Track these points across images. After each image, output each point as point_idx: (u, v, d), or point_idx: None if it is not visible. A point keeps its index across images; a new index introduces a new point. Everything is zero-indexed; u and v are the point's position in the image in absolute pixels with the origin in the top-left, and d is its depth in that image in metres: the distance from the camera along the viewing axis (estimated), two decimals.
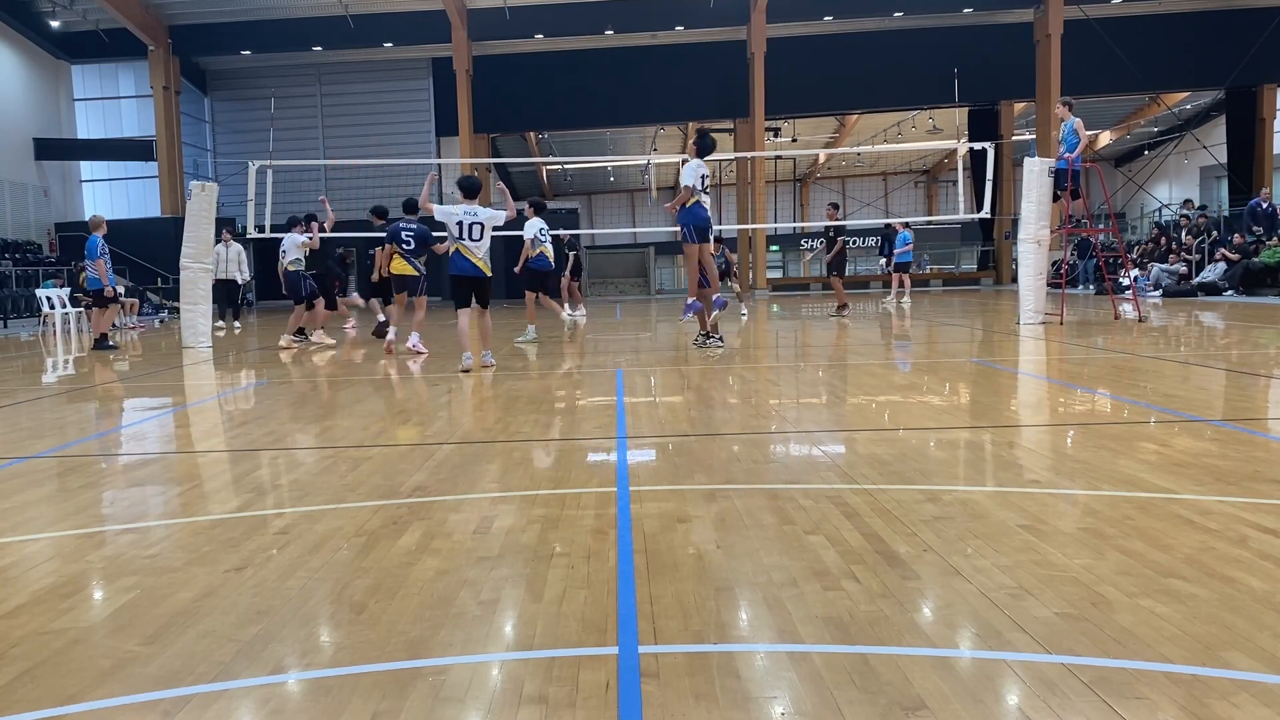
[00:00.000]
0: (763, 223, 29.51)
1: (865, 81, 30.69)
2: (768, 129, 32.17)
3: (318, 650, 2.69)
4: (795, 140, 39.84)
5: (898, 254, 20.51)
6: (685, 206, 10.70)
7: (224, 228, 18.59)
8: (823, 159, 45.29)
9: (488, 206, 9.75)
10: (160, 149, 29.03)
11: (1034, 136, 29.25)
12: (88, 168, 31.88)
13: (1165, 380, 7.72)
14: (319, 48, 30.28)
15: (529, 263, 13.80)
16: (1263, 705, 2.19)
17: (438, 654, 2.61)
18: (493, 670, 2.51)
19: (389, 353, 11.39)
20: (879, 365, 9.48)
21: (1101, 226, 19.38)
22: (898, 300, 20.45)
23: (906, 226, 21.35)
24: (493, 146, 35.20)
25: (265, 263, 26.01)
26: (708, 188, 10.85)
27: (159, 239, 27.45)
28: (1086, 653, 2.49)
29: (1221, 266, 21.01)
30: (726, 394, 7.53)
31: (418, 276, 11.40)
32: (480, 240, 9.10)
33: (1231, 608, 2.77)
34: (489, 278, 9.36)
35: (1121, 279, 19.18)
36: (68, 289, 20.52)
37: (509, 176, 43.62)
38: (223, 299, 18.69)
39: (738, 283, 14.50)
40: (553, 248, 14.16)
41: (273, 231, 16.75)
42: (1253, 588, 2.93)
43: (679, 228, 10.91)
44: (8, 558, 3.64)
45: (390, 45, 30.39)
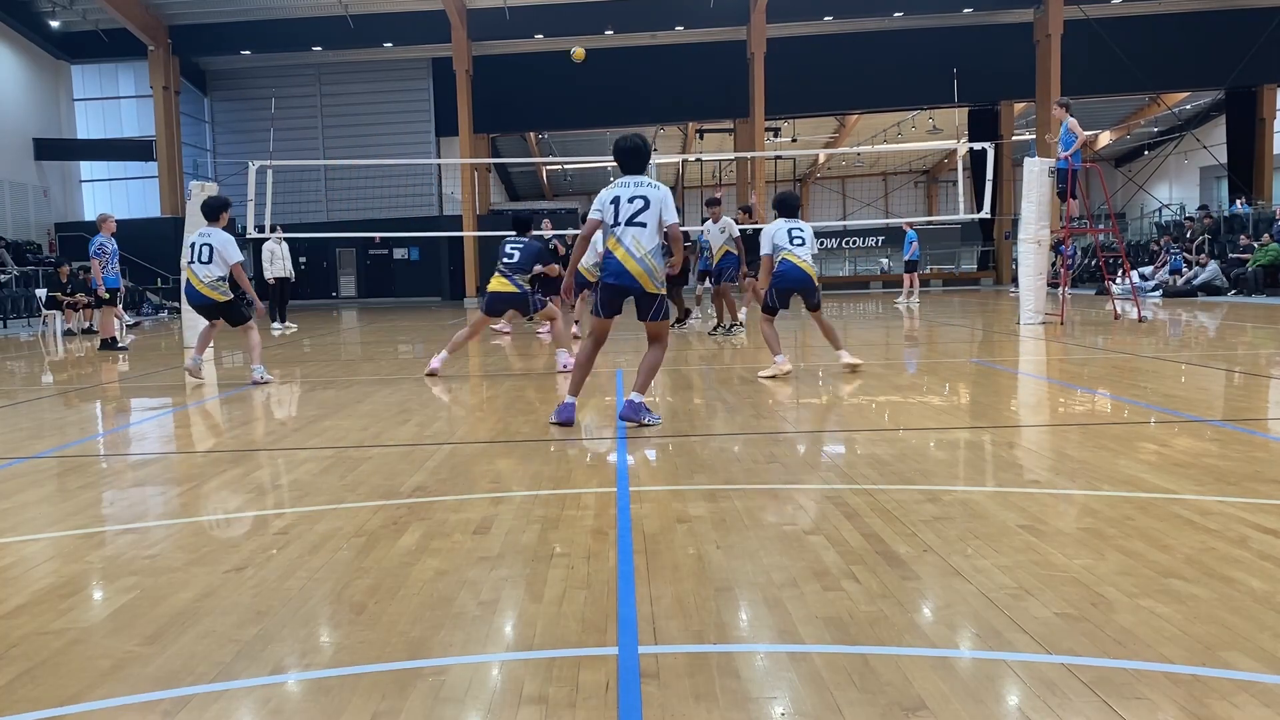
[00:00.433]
0: (763, 223, 29.46)
1: (865, 81, 30.68)
2: (768, 129, 32.15)
3: (318, 650, 2.69)
4: (795, 140, 39.80)
5: (906, 255, 20.96)
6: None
7: (276, 225, 17.56)
8: (823, 159, 45.27)
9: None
10: (160, 149, 29.02)
11: (1034, 137, 29.24)
12: (88, 168, 31.87)
13: (1165, 380, 7.72)
14: (319, 48, 30.27)
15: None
16: (1263, 705, 2.19)
17: (438, 654, 2.61)
18: (493, 670, 2.51)
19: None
20: (879, 365, 9.48)
21: (1101, 226, 19.37)
22: (907, 300, 20.76)
23: (911, 227, 21.61)
24: (493, 146, 35.21)
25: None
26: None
27: (159, 239, 27.45)
28: (1086, 653, 2.49)
29: (1215, 266, 21.04)
30: (727, 394, 7.53)
31: (519, 293, 9.73)
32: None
33: (1231, 608, 2.77)
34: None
35: (1113, 282, 19.14)
36: (44, 290, 20.23)
37: (509, 176, 43.65)
38: (276, 299, 17.68)
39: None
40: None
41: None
42: (1253, 588, 2.93)
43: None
44: (8, 558, 3.64)
45: (390, 45, 30.38)
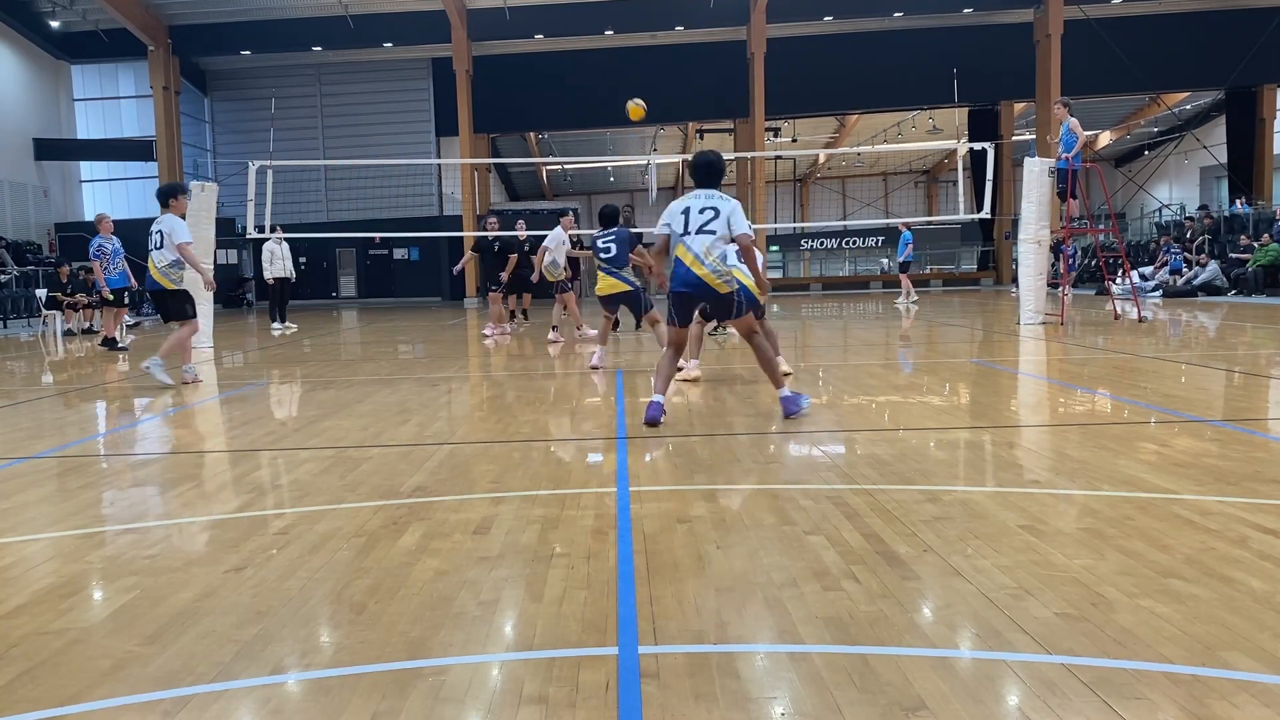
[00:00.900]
0: (762, 223, 29.50)
1: (865, 81, 30.68)
2: (768, 129, 32.16)
3: (318, 650, 2.69)
4: (795, 140, 39.80)
5: (901, 256, 21.00)
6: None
7: (276, 225, 17.39)
8: (823, 159, 45.26)
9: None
10: (160, 149, 29.02)
11: (1034, 137, 29.24)
12: (88, 168, 31.87)
13: (1165, 380, 7.72)
14: (319, 48, 30.27)
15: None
16: (1263, 705, 2.19)
17: (438, 654, 2.61)
18: (493, 670, 2.51)
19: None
20: (879, 365, 9.48)
21: (1101, 227, 19.37)
22: (906, 300, 20.83)
23: (907, 227, 21.64)
24: (493, 146, 35.20)
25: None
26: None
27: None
28: (1086, 653, 2.49)
29: (1215, 266, 21.05)
30: (727, 394, 7.53)
31: (633, 290, 9.36)
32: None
33: (1231, 608, 2.77)
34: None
35: (1113, 282, 19.16)
36: (44, 290, 20.18)
37: (509, 176, 43.64)
38: (276, 299, 17.50)
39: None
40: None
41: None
42: (1253, 588, 2.93)
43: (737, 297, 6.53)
44: (8, 558, 3.64)
45: (390, 45, 30.39)
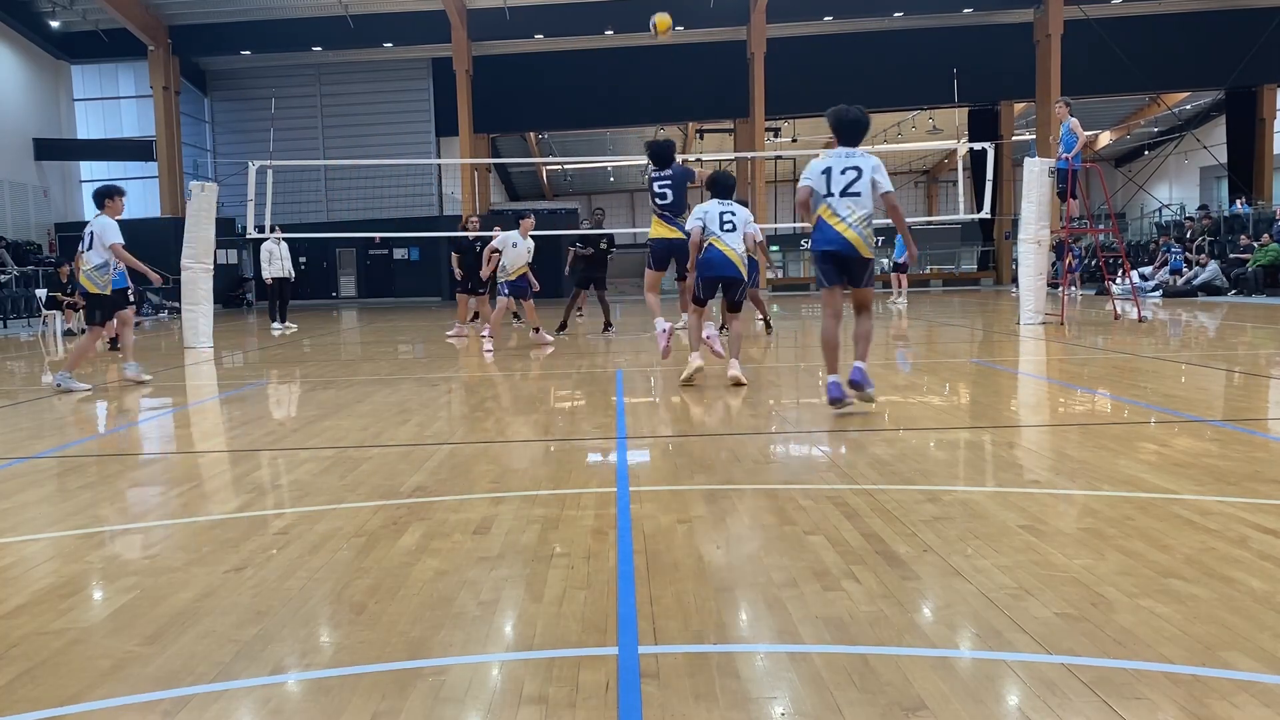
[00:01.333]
0: (763, 223, 29.47)
1: (865, 81, 30.65)
2: (768, 129, 32.18)
3: (318, 650, 2.69)
4: (795, 140, 39.80)
5: (898, 257, 21.02)
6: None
7: (275, 225, 17.19)
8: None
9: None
10: (160, 149, 29.03)
11: (1034, 136, 29.25)
12: (88, 168, 31.87)
13: (1165, 380, 7.72)
14: (319, 48, 30.28)
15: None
16: (1263, 705, 2.19)
17: (438, 654, 2.61)
18: (493, 670, 2.51)
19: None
20: (878, 365, 9.47)
21: (1101, 227, 19.37)
22: (897, 300, 20.82)
23: None
24: (493, 146, 35.21)
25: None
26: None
27: (159, 239, 27.43)
28: (1086, 653, 2.49)
29: (1215, 266, 21.06)
30: (726, 394, 7.53)
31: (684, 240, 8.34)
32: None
33: (1231, 608, 2.77)
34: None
35: (1113, 282, 19.20)
36: (44, 290, 20.13)
37: (509, 176, 43.65)
38: (276, 299, 17.48)
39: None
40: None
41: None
42: (1253, 588, 2.93)
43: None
44: (8, 558, 3.64)
45: (390, 45, 30.39)
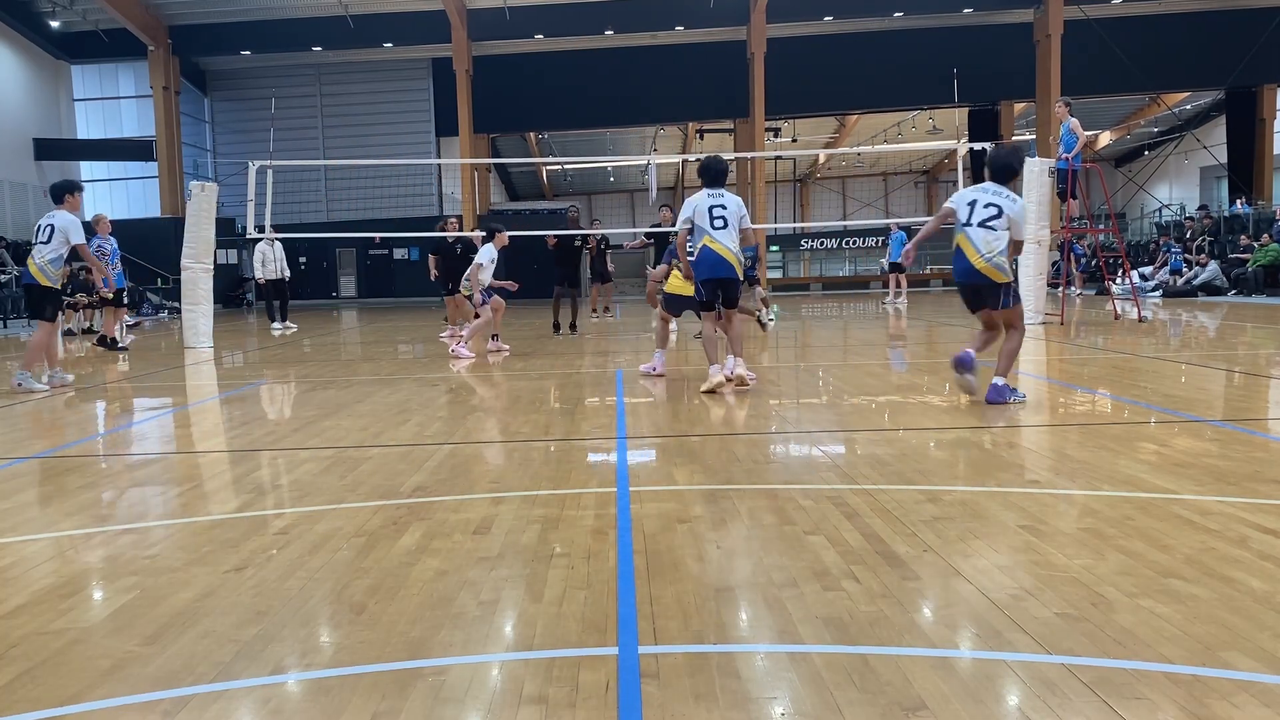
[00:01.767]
0: (763, 223, 29.51)
1: (865, 81, 30.68)
2: (768, 129, 32.15)
3: (318, 650, 2.69)
4: (795, 140, 39.79)
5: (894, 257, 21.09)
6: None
7: (263, 225, 16.94)
8: (823, 159, 45.25)
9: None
10: (160, 149, 29.01)
11: (1034, 136, 29.24)
12: (88, 168, 31.84)
13: (1165, 380, 7.72)
14: (319, 48, 30.27)
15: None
16: (1263, 705, 2.19)
17: (438, 654, 2.61)
18: (493, 670, 2.51)
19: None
20: (879, 365, 9.47)
21: (1101, 227, 19.37)
22: (894, 300, 20.83)
23: (899, 227, 21.75)
24: (493, 146, 35.19)
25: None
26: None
27: (159, 239, 27.44)
28: (1086, 653, 2.49)
29: (1215, 266, 21.05)
30: (726, 394, 7.52)
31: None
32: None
33: (1231, 608, 2.77)
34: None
35: (1113, 282, 19.21)
36: None
37: (509, 176, 43.63)
38: (272, 300, 17.47)
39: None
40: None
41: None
42: (1253, 588, 2.93)
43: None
44: (8, 558, 3.64)
45: (390, 45, 30.38)
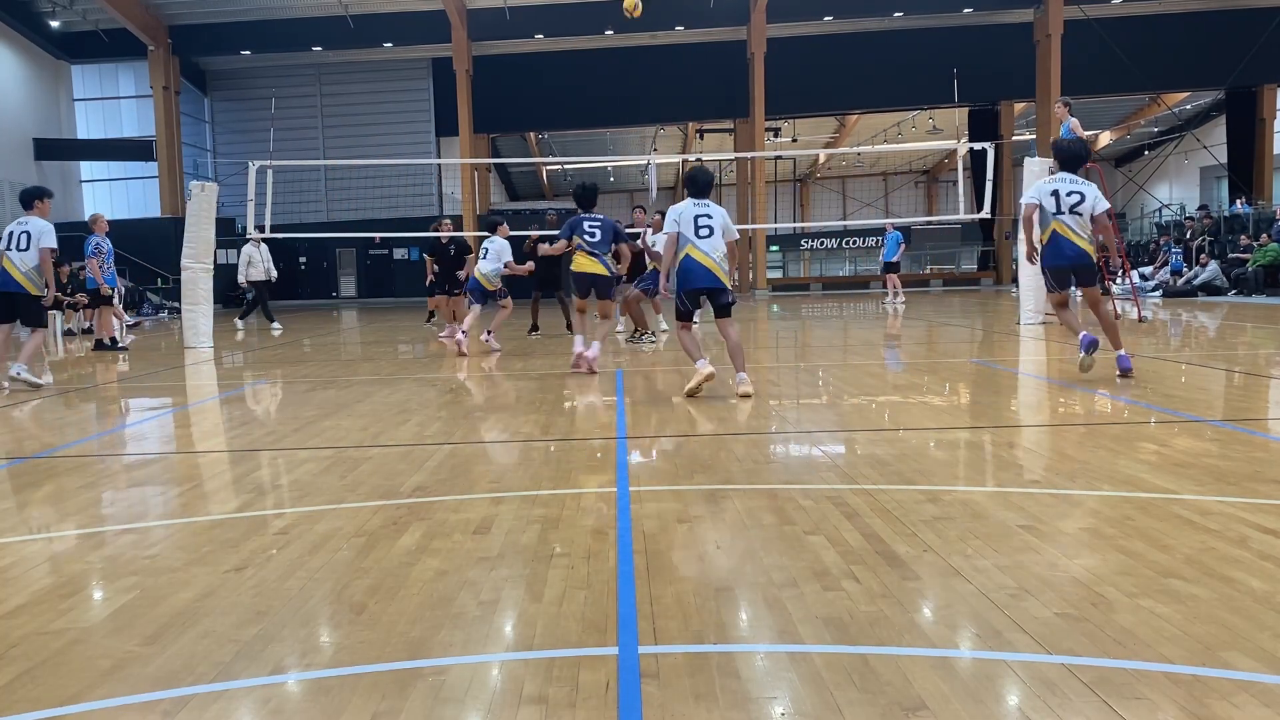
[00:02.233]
0: (763, 223, 29.51)
1: (865, 81, 30.67)
2: (768, 129, 32.15)
3: (318, 650, 2.69)
4: (795, 140, 39.79)
5: (889, 257, 21.10)
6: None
7: (244, 226, 17.18)
8: (823, 159, 45.26)
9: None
10: (160, 149, 29.02)
11: (1034, 136, 29.24)
12: (88, 168, 31.87)
13: (1165, 380, 7.72)
14: (319, 48, 30.27)
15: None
16: (1263, 705, 2.19)
17: (438, 654, 2.61)
18: (493, 671, 2.51)
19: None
20: (878, 365, 9.47)
21: None
22: (894, 301, 20.80)
23: (894, 228, 21.75)
24: (493, 146, 35.20)
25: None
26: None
27: (159, 239, 27.45)
28: (1086, 653, 2.49)
29: (1215, 266, 21.06)
30: (726, 394, 7.52)
31: (609, 276, 9.64)
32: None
33: (1231, 608, 2.77)
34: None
35: (1113, 282, 19.21)
36: None
37: (509, 176, 43.62)
38: (256, 301, 17.51)
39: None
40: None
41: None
42: (1253, 588, 2.93)
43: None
44: (8, 558, 3.64)
45: (390, 45, 30.39)
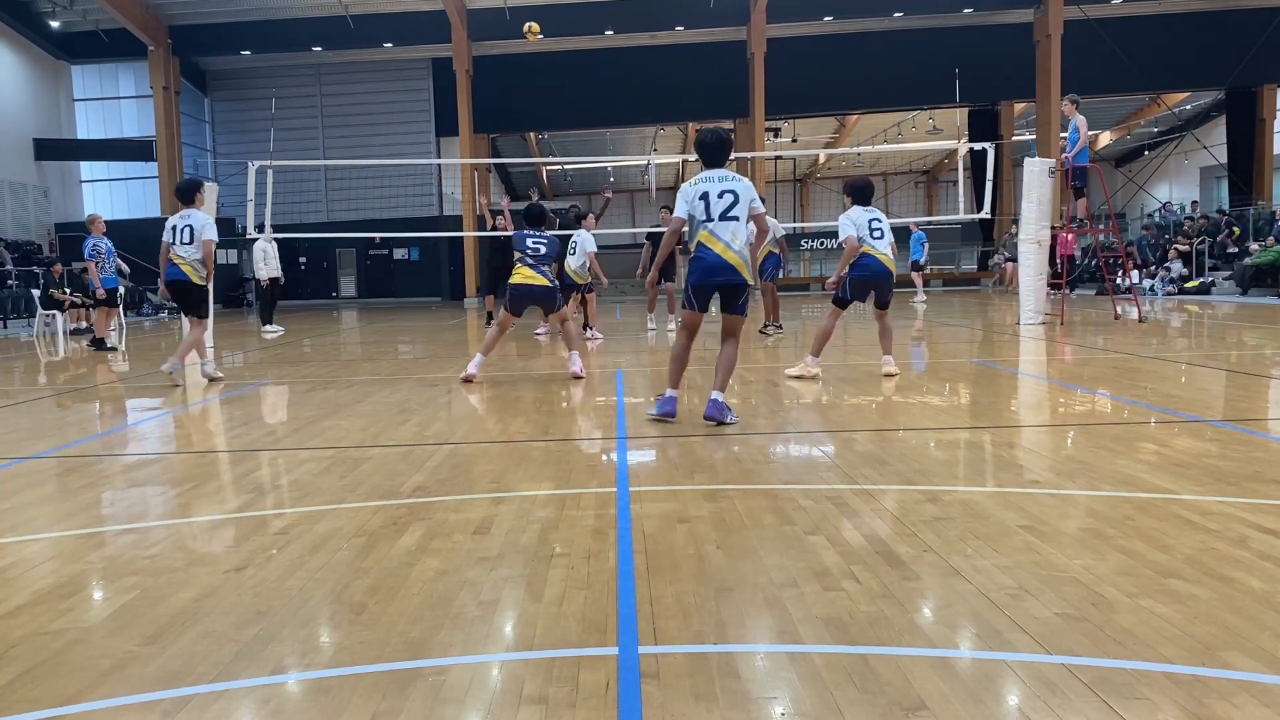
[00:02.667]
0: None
1: (865, 81, 30.67)
2: (768, 129, 32.15)
3: (318, 651, 2.69)
4: (795, 140, 39.79)
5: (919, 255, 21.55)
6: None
7: (263, 224, 16.74)
8: (823, 159, 45.24)
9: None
10: (160, 149, 29.01)
11: (1034, 137, 29.24)
12: (88, 168, 31.86)
13: (1165, 380, 7.72)
14: (319, 48, 30.26)
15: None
16: (1263, 705, 2.19)
17: (438, 654, 2.61)
18: (493, 671, 2.51)
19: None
20: (878, 365, 9.46)
21: (1101, 226, 19.36)
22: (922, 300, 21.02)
23: (917, 227, 22.03)
24: (493, 146, 35.18)
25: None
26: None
27: (159, 239, 27.39)
28: (1086, 653, 2.49)
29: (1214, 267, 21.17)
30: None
31: (551, 288, 8.96)
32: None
33: (1231, 608, 2.77)
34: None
35: (1114, 282, 19.23)
36: (39, 290, 19.98)
37: (509, 176, 43.62)
38: (266, 300, 17.18)
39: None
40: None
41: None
42: (1253, 588, 2.93)
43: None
44: (8, 558, 3.64)
45: (390, 45, 30.38)
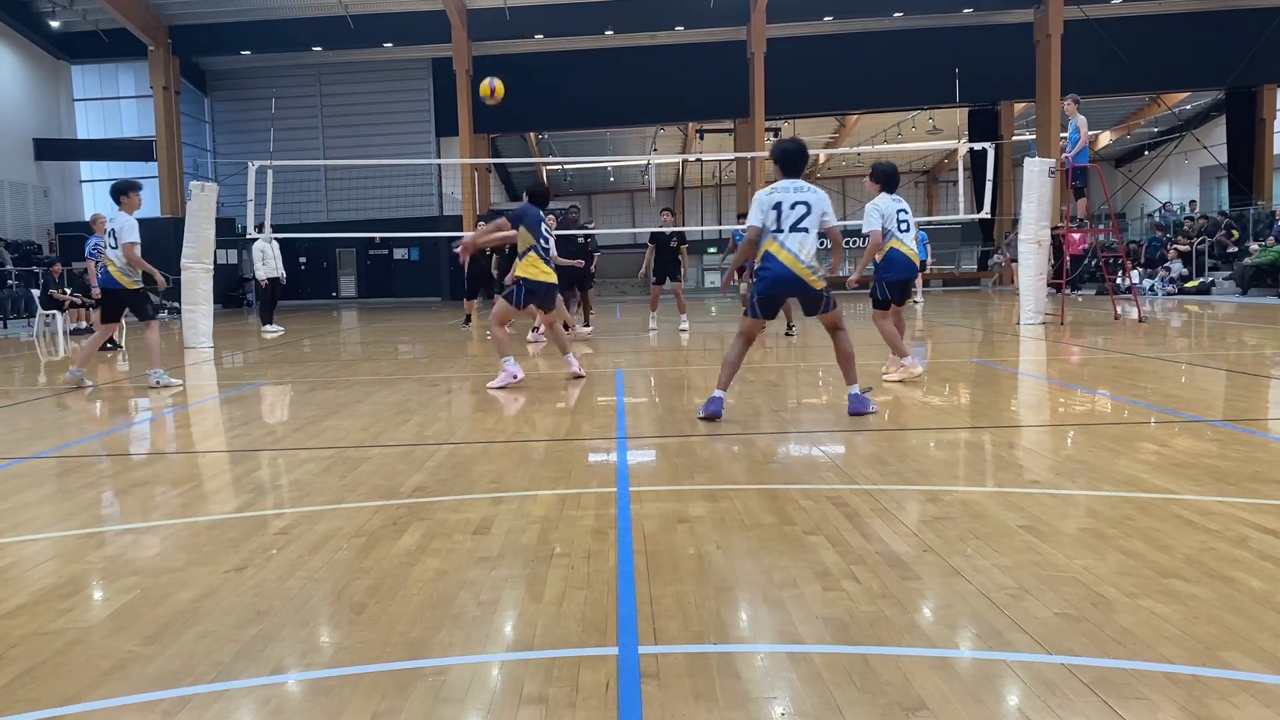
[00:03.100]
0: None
1: (865, 81, 30.68)
2: (768, 129, 32.14)
3: (318, 651, 2.69)
4: None
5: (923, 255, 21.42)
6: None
7: (262, 224, 16.75)
8: (823, 159, 45.26)
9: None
10: (160, 149, 29.01)
11: (1034, 137, 29.24)
12: (87, 168, 31.85)
13: (1165, 380, 7.72)
14: (319, 48, 30.28)
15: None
16: (1263, 705, 2.19)
17: (438, 654, 2.61)
18: (493, 671, 2.51)
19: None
20: (878, 365, 9.46)
21: (1101, 226, 19.36)
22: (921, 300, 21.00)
23: (920, 228, 21.92)
24: (493, 146, 35.19)
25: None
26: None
27: (159, 239, 27.38)
28: (1086, 653, 2.49)
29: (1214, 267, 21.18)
30: (727, 394, 7.52)
31: (553, 285, 8.62)
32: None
33: (1231, 608, 2.77)
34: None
35: (1119, 280, 19.25)
36: (38, 290, 20.00)
37: (509, 176, 43.64)
38: (266, 300, 17.15)
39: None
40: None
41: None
42: (1253, 588, 2.93)
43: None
44: (8, 558, 3.64)
45: (390, 45, 30.40)
